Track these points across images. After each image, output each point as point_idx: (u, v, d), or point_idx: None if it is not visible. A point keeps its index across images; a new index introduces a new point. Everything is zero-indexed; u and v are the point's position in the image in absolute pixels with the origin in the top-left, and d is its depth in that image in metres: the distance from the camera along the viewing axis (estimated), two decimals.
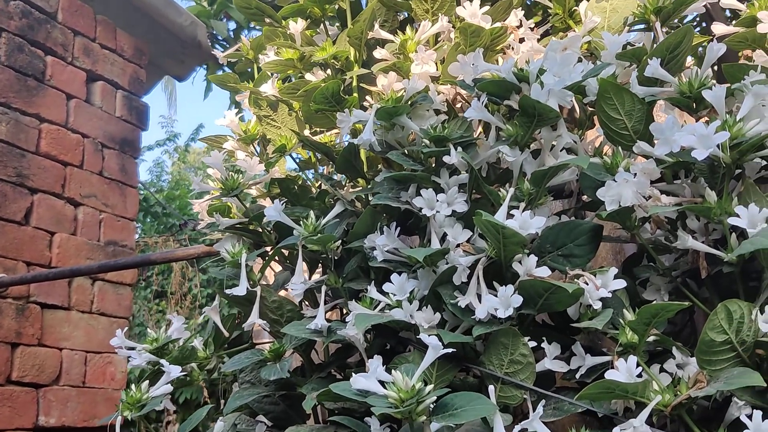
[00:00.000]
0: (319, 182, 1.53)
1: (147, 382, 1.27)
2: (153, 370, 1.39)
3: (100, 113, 3.06)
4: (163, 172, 11.59)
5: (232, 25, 5.41)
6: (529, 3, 1.75)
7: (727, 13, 1.74)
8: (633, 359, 0.90)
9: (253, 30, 5.30)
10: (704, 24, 2.23)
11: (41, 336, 2.63)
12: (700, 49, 1.36)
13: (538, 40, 1.35)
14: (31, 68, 2.77)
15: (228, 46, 5.33)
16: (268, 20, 1.60)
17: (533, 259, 1.02)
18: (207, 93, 6.20)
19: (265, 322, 1.27)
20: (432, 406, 0.91)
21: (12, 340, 2.51)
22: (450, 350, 0.94)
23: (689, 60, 1.46)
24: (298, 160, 1.60)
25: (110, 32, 3.18)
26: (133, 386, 1.26)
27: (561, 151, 1.11)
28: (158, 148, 11.43)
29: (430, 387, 0.91)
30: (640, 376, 0.89)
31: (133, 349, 1.39)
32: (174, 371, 1.25)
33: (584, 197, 1.22)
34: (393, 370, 0.92)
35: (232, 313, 1.49)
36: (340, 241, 1.26)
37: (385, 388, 0.91)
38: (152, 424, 5.46)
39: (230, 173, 1.40)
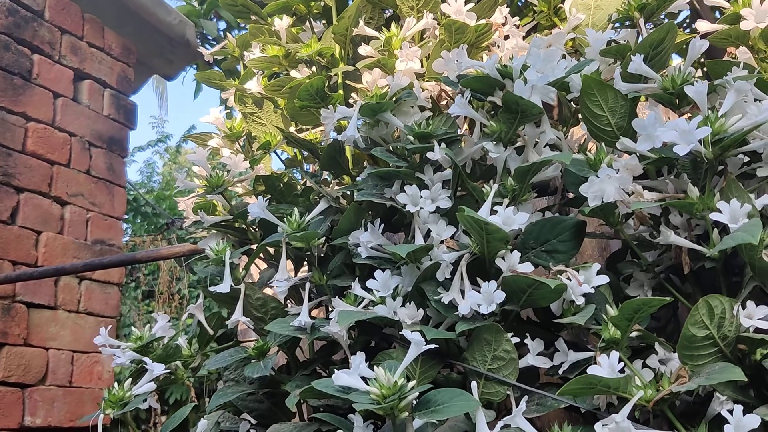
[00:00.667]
0: (305, 179, 1.52)
1: (130, 380, 1.26)
2: (137, 369, 1.38)
3: (88, 112, 3.05)
4: (153, 173, 11.54)
5: (222, 25, 5.39)
6: (520, 4, 1.75)
7: (717, 14, 1.75)
8: (615, 355, 0.90)
9: (243, 30, 5.29)
10: (692, 23, 2.24)
11: (27, 335, 2.62)
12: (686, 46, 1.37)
13: (524, 38, 1.35)
14: (17, 66, 2.75)
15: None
16: (254, 17, 1.60)
17: (516, 255, 1.02)
18: (197, 93, 6.18)
19: (249, 319, 1.26)
20: (415, 402, 0.91)
21: None
22: (433, 346, 0.94)
23: (678, 60, 1.46)
24: (284, 158, 1.59)
25: (98, 30, 3.16)
26: (116, 384, 1.25)
27: (545, 147, 1.11)
28: (149, 149, 11.37)
29: (412, 383, 0.91)
30: (622, 371, 0.89)
31: (117, 347, 1.39)
32: (157, 369, 1.24)
33: (568, 194, 1.22)
34: (375, 367, 0.92)
35: (218, 311, 1.49)
36: (324, 238, 1.26)
37: (367, 384, 0.91)
38: (142, 426, 5.43)
39: (215, 170, 1.39)
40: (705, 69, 1.24)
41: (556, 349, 1.04)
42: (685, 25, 2.31)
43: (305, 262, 1.36)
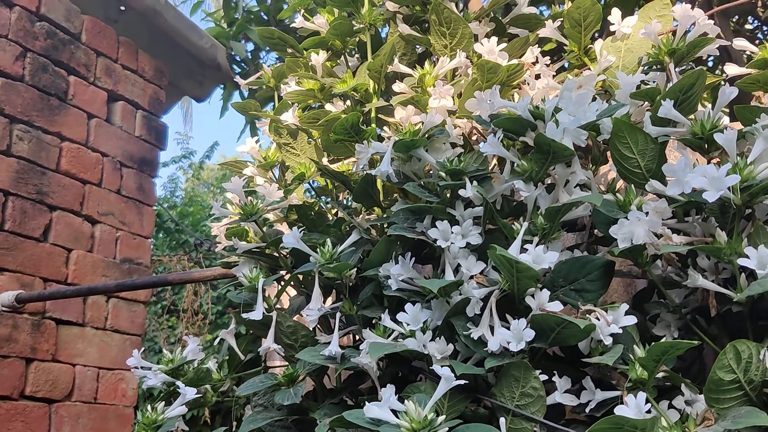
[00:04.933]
0: (336, 209, 1.56)
1: (162, 403, 1.30)
2: (168, 391, 1.41)
3: (120, 132, 3.12)
4: (177, 188, 11.67)
5: (250, 46, 5.48)
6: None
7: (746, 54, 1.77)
8: (642, 395, 0.91)
9: (271, 52, 5.38)
10: (722, 63, 2.26)
11: (55, 352, 2.66)
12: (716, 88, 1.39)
13: (554, 77, 1.38)
14: (54, 87, 2.83)
15: (246, 66, 5.40)
16: (290, 50, 1.64)
17: (546, 293, 1.04)
18: (223, 112, 6.27)
19: (279, 346, 1.29)
20: None
21: (27, 355, 2.55)
22: (462, 381, 0.96)
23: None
24: (315, 187, 1.63)
25: (132, 53, 3.24)
26: (149, 407, 1.28)
27: (575, 187, 1.14)
28: (173, 165, 11.51)
29: (442, 418, 0.93)
30: (649, 412, 0.91)
31: (148, 369, 1.42)
32: (189, 393, 1.27)
33: (596, 232, 1.24)
34: (405, 400, 0.95)
35: (247, 336, 1.52)
36: (355, 268, 1.29)
37: (397, 417, 0.93)
38: None
39: (249, 198, 1.43)
40: (731, 112, 1.26)
41: (582, 387, 1.05)
42: (713, 65, 2.32)
43: (333, 291, 1.39)
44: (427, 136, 1.24)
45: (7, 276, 2.52)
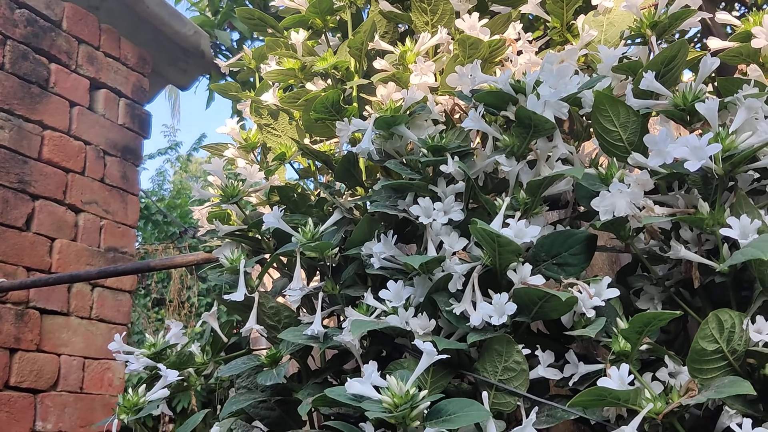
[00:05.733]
0: (318, 191, 1.54)
1: (144, 386, 1.28)
2: (150, 376, 1.40)
3: (103, 121, 3.08)
4: (165, 181, 11.62)
5: (236, 36, 5.44)
6: (531, 18, 1.77)
7: (728, 29, 1.76)
8: (625, 367, 0.91)
9: (256, 40, 5.34)
10: (704, 40, 2.26)
11: (40, 341, 2.64)
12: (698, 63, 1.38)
13: (536, 53, 1.37)
14: (35, 75, 2.79)
15: (231, 56, 5.36)
16: (270, 30, 1.62)
17: (528, 267, 1.03)
18: (209, 102, 6.24)
19: (262, 327, 1.28)
20: (426, 411, 0.93)
21: (11, 345, 2.52)
22: (444, 356, 0.95)
23: (689, 75, 1.48)
24: (297, 169, 1.61)
25: (114, 41, 3.21)
26: (130, 390, 1.26)
27: (557, 161, 1.13)
28: (160, 157, 11.46)
29: (424, 392, 0.92)
30: (632, 384, 0.90)
31: (131, 353, 1.40)
32: (171, 375, 1.25)
33: (580, 208, 1.24)
34: (388, 376, 0.94)
35: (230, 319, 1.50)
36: (337, 248, 1.27)
37: (379, 393, 0.92)
38: None
39: (231, 180, 1.41)
40: (716, 85, 1.26)
41: (566, 362, 1.05)
42: (696, 41, 2.32)
43: (317, 272, 1.38)
44: (408, 112, 1.22)
45: None
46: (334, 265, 1.29)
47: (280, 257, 1.38)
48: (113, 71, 3.18)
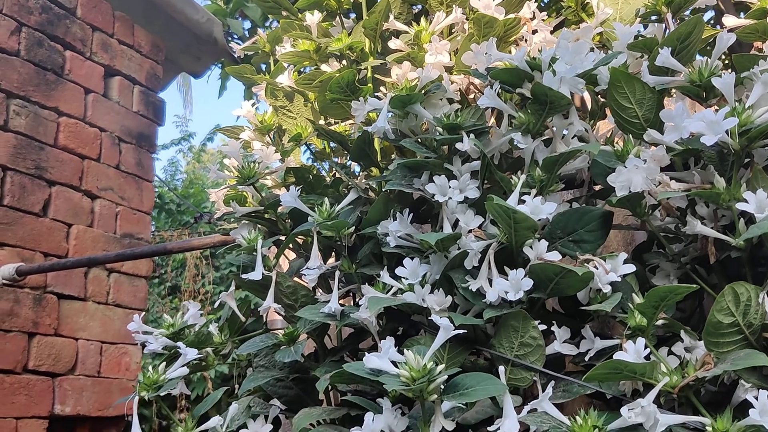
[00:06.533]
0: (334, 172, 1.55)
1: (164, 363, 1.30)
2: (169, 355, 1.41)
3: (118, 108, 3.10)
4: (177, 172, 11.65)
5: (248, 24, 5.44)
6: (545, 2, 1.76)
7: (741, 15, 1.75)
8: (641, 341, 0.91)
9: (268, 29, 5.33)
10: (717, 26, 2.24)
11: (58, 326, 2.67)
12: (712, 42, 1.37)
13: (551, 32, 1.37)
14: (50, 62, 2.81)
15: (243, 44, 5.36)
16: (284, 13, 1.63)
17: (544, 243, 1.03)
18: (221, 91, 6.26)
19: (280, 306, 1.29)
20: (443, 385, 0.93)
21: (29, 329, 2.55)
22: (461, 332, 0.96)
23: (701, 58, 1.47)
24: (313, 150, 1.62)
25: (128, 28, 3.22)
26: (150, 368, 1.28)
27: (572, 138, 1.13)
28: (173, 147, 11.48)
29: (441, 366, 0.93)
30: (648, 358, 0.91)
31: (149, 334, 1.42)
32: (191, 353, 1.27)
33: (596, 186, 1.24)
34: (405, 350, 0.94)
35: (247, 299, 1.52)
36: (353, 227, 1.28)
37: (397, 367, 0.93)
38: (164, 421, 5.50)
39: (247, 162, 1.42)
40: (731, 63, 1.25)
41: (582, 338, 1.05)
42: (710, 20, 2.31)
43: (333, 252, 1.39)
44: (423, 91, 1.23)
45: (7, 251, 2.52)
46: (350, 244, 1.30)
47: (296, 239, 1.39)
48: (127, 58, 3.19)
